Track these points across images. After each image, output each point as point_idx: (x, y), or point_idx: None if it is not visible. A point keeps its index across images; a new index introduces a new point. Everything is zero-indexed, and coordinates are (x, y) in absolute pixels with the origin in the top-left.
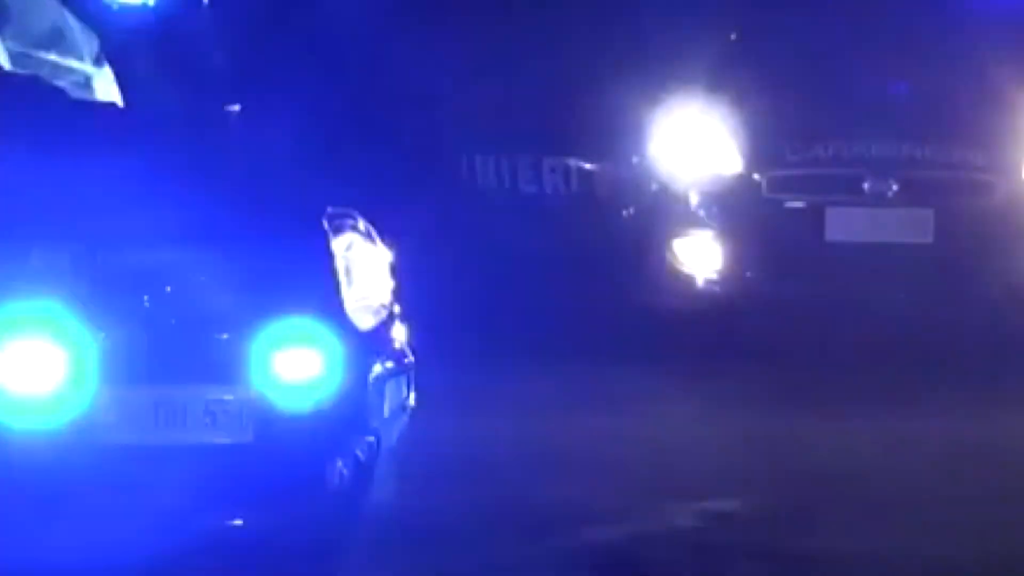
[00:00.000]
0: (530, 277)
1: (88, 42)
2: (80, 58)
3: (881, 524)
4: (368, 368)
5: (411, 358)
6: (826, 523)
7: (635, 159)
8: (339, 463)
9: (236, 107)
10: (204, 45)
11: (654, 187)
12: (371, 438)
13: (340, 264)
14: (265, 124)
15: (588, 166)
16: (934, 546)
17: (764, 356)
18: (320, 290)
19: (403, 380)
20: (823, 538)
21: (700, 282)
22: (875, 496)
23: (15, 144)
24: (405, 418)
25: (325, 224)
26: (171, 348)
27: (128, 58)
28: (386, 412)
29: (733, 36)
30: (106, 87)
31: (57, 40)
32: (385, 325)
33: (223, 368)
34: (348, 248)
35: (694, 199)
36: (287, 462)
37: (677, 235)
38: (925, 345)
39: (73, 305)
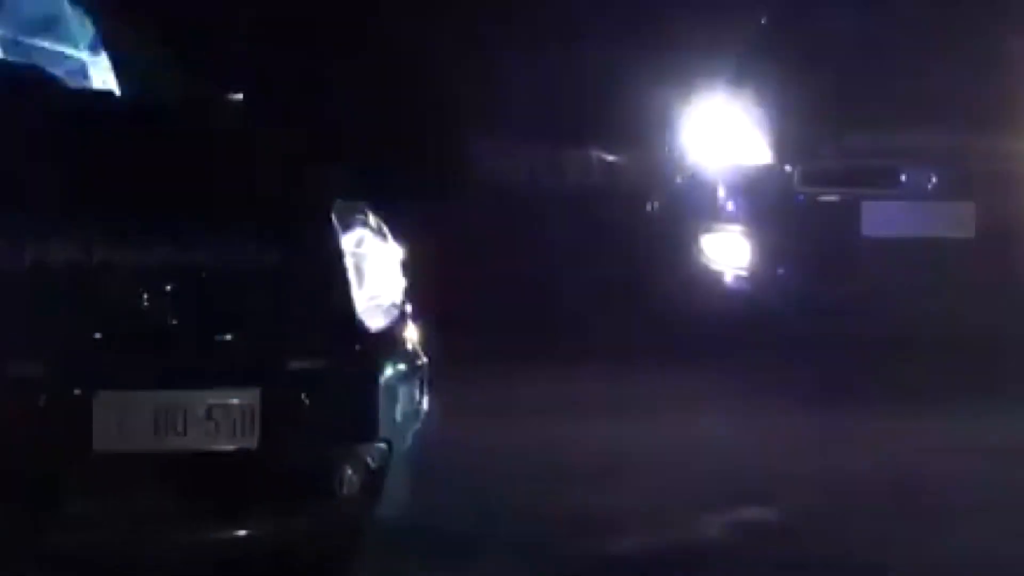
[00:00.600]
0: (550, 274)
1: (83, 27)
2: (75, 44)
3: (923, 534)
4: (379, 371)
5: (424, 360)
6: (864, 533)
7: (660, 150)
8: (348, 470)
9: (239, 95)
10: (206, 29)
11: (680, 180)
12: (382, 444)
13: (349, 261)
14: (271, 114)
15: (610, 158)
16: (980, 556)
17: (797, 357)
18: (328, 288)
19: (416, 383)
20: (861, 549)
21: (729, 279)
22: (917, 503)
23: (7, 135)
24: (418, 423)
25: (334, 219)
26: (171, 350)
27: (125, 44)
28: (398, 417)
29: (763, 20)
30: (103, 75)
31: (51, 26)
32: (397, 325)
33: (226, 371)
34: (358, 244)
35: (722, 192)
36: (294, 469)
37: (705, 230)
38: (966, 345)
39: (70, 305)
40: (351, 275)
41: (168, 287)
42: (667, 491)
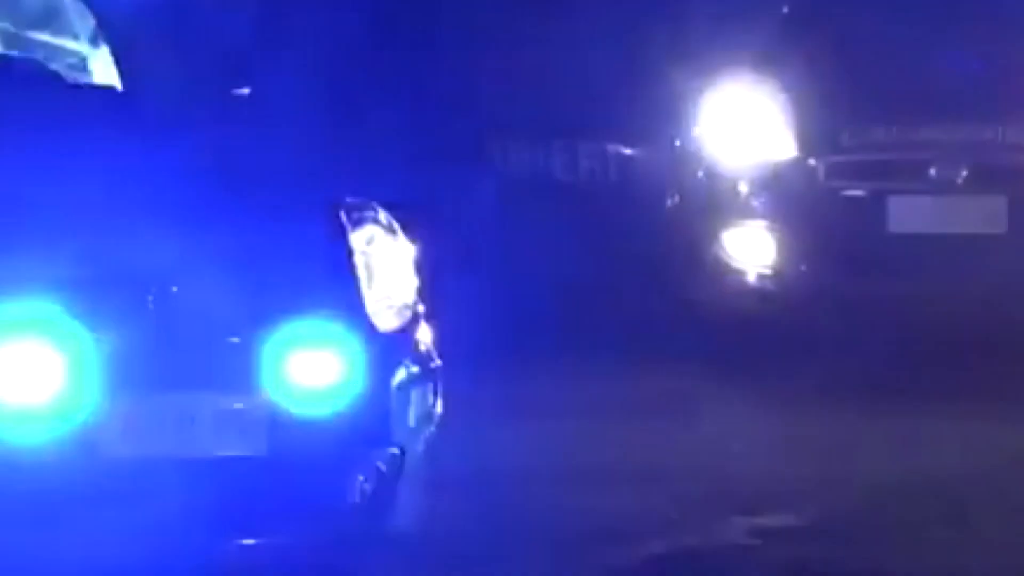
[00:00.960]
0: (566, 272)
1: (84, 21)
2: (76, 38)
3: (948, 539)
4: (391, 373)
5: (438, 362)
6: (888, 538)
7: (679, 143)
8: (360, 477)
9: (246, 90)
10: (211, 22)
11: (700, 174)
12: (395, 449)
13: (360, 260)
14: (279, 108)
15: (628, 152)
16: (1007, 562)
17: (821, 356)
18: (339, 289)
19: (429, 386)
20: (886, 555)
21: (751, 277)
22: (942, 508)
23: (8, 132)
24: (432, 427)
25: (344, 217)
26: (177, 353)
27: (127, 37)
28: (411, 421)
29: (785, 9)
30: (104, 69)
31: (51, 19)
32: (409, 326)
33: (234, 374)
34: (369, 243)
35: (744, 187)
36: (304, 476)
37: (726, 226)
38: (996, 344)
39: (72, 307)
40: (361, 274)
41: (174, 288)
42: (686, 494)
